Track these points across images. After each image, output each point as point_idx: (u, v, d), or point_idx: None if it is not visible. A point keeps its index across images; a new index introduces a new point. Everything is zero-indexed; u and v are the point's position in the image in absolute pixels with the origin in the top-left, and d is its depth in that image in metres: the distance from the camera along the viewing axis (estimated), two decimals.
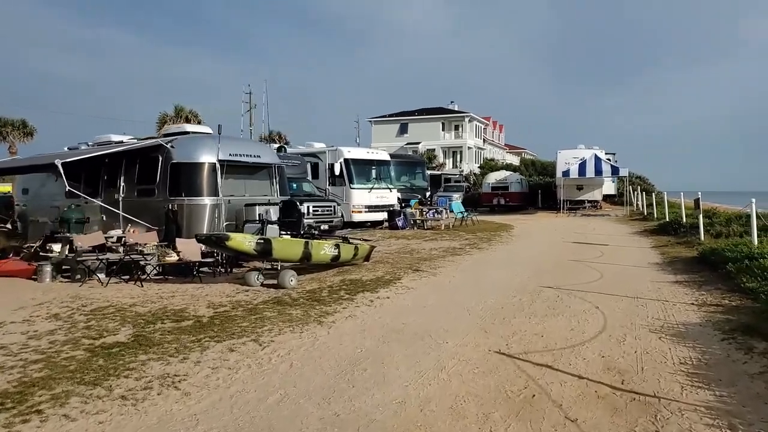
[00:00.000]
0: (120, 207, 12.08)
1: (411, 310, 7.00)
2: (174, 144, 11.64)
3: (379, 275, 9.69)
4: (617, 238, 16.50)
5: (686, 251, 12.38)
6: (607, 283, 8.89)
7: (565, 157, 30.26)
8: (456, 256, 12.64)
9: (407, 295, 7.99)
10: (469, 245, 14.80)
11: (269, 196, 12.23)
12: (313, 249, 9.16)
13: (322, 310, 6.82)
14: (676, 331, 5.90)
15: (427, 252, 13.37)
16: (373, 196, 22.28)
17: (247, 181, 12.21)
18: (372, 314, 6.73)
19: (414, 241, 16.37)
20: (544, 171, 42.30)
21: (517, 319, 6.54)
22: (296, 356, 5.09)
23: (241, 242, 8.28)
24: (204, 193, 11.34)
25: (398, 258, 12.17)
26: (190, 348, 5.30)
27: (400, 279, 9.28)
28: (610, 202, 34.63)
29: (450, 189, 39.04)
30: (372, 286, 8.57)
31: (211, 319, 6.49)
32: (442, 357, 5.09)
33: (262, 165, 12.34)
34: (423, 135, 63.52)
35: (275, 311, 6.82)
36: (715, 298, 7.38)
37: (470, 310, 7.00)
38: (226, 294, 8.20)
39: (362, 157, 22.87)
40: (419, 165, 31.31)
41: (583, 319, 6.49)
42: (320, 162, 23.06)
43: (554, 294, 7.94)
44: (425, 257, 12.32)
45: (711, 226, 14.12)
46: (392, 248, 14.46)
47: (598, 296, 7.76)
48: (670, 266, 10.58)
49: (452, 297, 7.84)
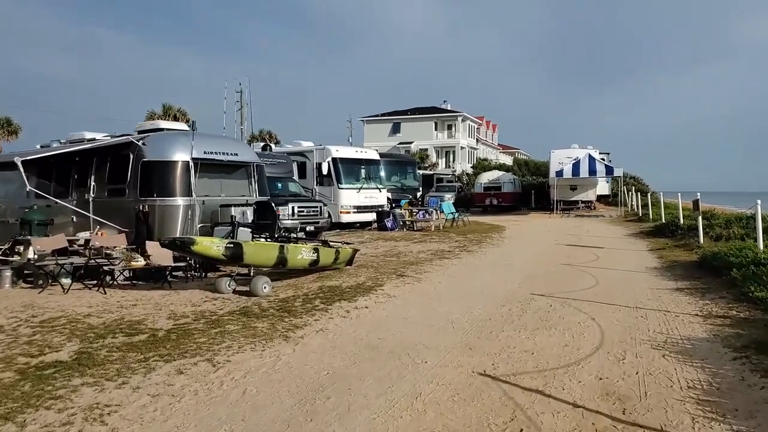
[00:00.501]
0: (90, 208, 11.43)
1: (390, 322, 6.39)
2: (146, 141, 10.98)
3: (360, 281, 9.07)
4: (612, 241, 15.96)
5: (685, 255, 11.83)
6: (603, 290, 8.31)
7: (559, 157, 29.74)
8: (444, 259, 12.04)
9: (388, 304, 7.37)
10: (458, 248, 14.20)
11: (247, 197, 11.59)
12: (288, 253, 8.53)
13: (291, 323, 6.19)
14: (682, 348, 5.31)
15: (414, 255, 12.76)
16: (361, 197, 21.67)
17: (224, 181, 11.55)
18: (346, 328, 6.11)
19: (402, 243, 15.76)
20: (537, 171, 41.82)
21: (505, 332, 5.94)
22: (252, 380, 4.46)
23: (208, 247, 7.64)
24: (177, 193, 10.68)
25: (383, 262, 11.56)
26: (133, 369, 4.66)
27: (382, 286, 8.67)
28: (604, 203, 34.15)
29: (442, 189, 38.48)
30: (351, 294, 7.94)
31: (168, 333, 5.85)
32: (418, 380, 4.48)
33: (240, 163, 11.68)
34: (416, 135, 62.96)
35: (239, 324, 6.18)
36: (722, 309, 6.81)
37: (455, 322, 6.40)
38: (192, 303, 7.56)
39: (351, 156, 22.25)
40: (410, 164, 30.71)
41: (577, 333, 5.90)
42: (308, 161, 22.44)
43: (546, 303, 7.35)
44: (412, 261, 11.71)
45: (710, 228, 13.60)
46: (379, 251, 13.85)
47: (593, 306, 7.17)
48: (669, 271, 10.01)
49: (436, 306, 7.23)
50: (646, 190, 34.02)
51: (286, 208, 16.82)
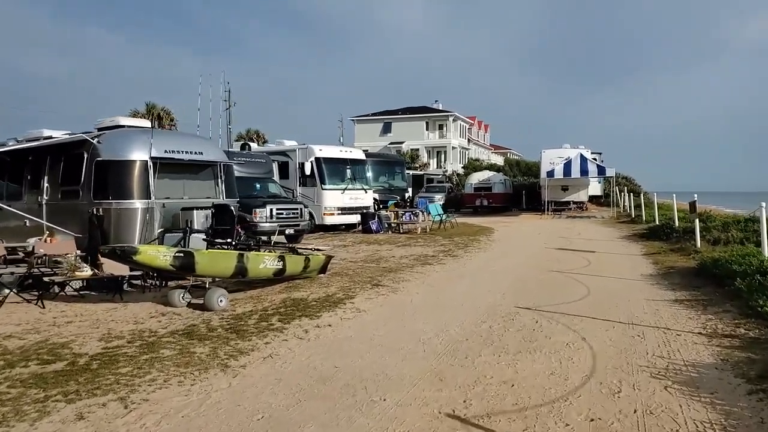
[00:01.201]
0: (43, 211, 10.57)
1: (353, 344, 5.58)
2: (101, 139, 10.11)
3: (330, 292, 8.26)
4: (605, 244, 15.24)
5: (682, 260, 11.10)
6: (595, 302, 7.55)
7: (550, 157, 29.07)
8: (426, 265, 11.25)
9: (355, 321, 6.57)
10: (443, 252, 13.43)
11: (213, 199, 10.74)
12: (249, 262, 7.70)
13: (237, 347, 5.36)
14: (686, 378, 4.55)
15: (395, 261, 11.96)
16: (346, 198, 20.85)
17: (187, 182, 10.70)
18: (300, 353, 5.29)
19: (385, 247, 14.96)
20: (528, 171, 41.25)
21: (483, 357, 5.15)
22: (167, 427, 3.65)
23: (153, 257, 6.79)
24: (134, 195, 9.84)
25: (361, 269, 10.75)
26: (22, 414, 3.82)
27: (353, 298, 7.86)
28: (596, 204, 33.52)
29: (432, 190, 37.75)
30: (316, 308, 7.13)
31: (90, 361, 5.01)
32: (372, 427, 3.68)
33: (205, 163, 10.83)
34: (407, 134, 62.24)
35: (177, 348, 5.35)
36: (727, 326, 6.06)
37: (427, 343, 5.60)
38: (135, 319, 6.72)
39: (335, 155, 21.41)
40: (398, 164, 29.87)
41: (566, 357, 5.12)
42: (290, 161, 21.60)
43: (532, 319, 6.57)
44: (392, 267, 10.91)
45: (707, 231, 12.90)
46: (359, 255, 13.05)
47: (584, 322, 6.40)
48: (665, 279, 9.27)
49: (409, 323, 6.43)
50: (638, 190, 33.46)
51: (263, 210, 15.98)
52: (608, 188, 33.06)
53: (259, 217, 15.94)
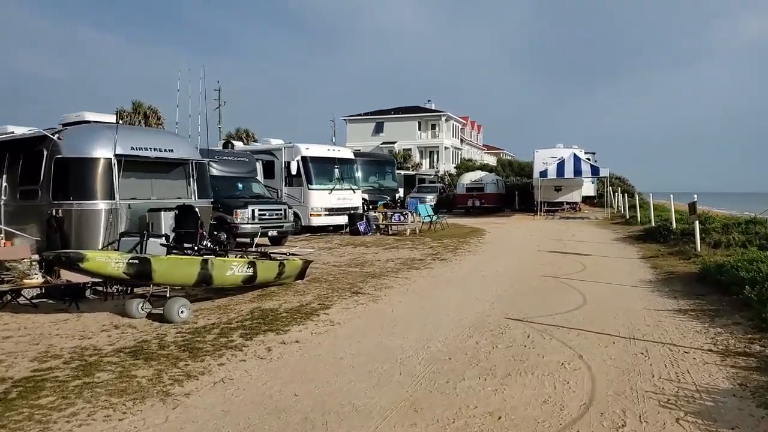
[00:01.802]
0: (0, 212, 9.88)
1: (320, 365, 4.92)
2: (62, 135, 9.41)
3: (305, 301, 7.60)
4: (600, 246, 14.64)
5: (682, 265, 10.50)
6: (591, 312, 6.93)
7: (543, 157, 28.51)
8: (413, 270, 10.61)
9: (327, 336, 5.90)
10: (431, 255, 12.79)
11: (184, 199, 10.05)
12: (214, 269, 7.01)
13: (186, 370, 4.69)
14: (701, 408, 3.92)
15: (380, 265, 11.31)
16: (334, 198, 20.20)
17: (155, 181, 9.99)
18: (258, 376, 4.63)
19: (372, 249, 14.31)
20: (521, 171, 40.74)
21: (466, 381, 4.50)
22: None
23: (103, 264, 6.10)
24: (97, 195, 9.15)
25: (343, 274, 10.09)
26: None
27: (329, 308, 7.20)
28: (589, 204, 33.01)
29: (424, 190, 37.16)
30: (285, 320, 6.46)
31: (11, 388, 4.32)
32: None
33: (175, 161, 10.12)
34: (399, 134, 61.64)
35: (117, 371, 4.67)
36: (740, 341, 5.45)
37: (404, 363, 4.95)
38: (83, 333, 6.03)
39: (322, 154, 20.73)
40: (389, 164, 29.19)
41: (561, 381, 4.48)
42: (276, 160, 20.91)
43: (523, 333, 5.94)
44: (376, 272, 10.26)
45: (706, 233, 12.32)
46: (343, 259, 12.40)
47: (581, 336, 5.78)
48: (666, 286, 8.66)
49: (387, 339, 5.78)
50: (631, 191, 32.98)
51: (245, 210, 15.31)
52: (602, 189, 32.57)
53: (240, 218, 15.27)
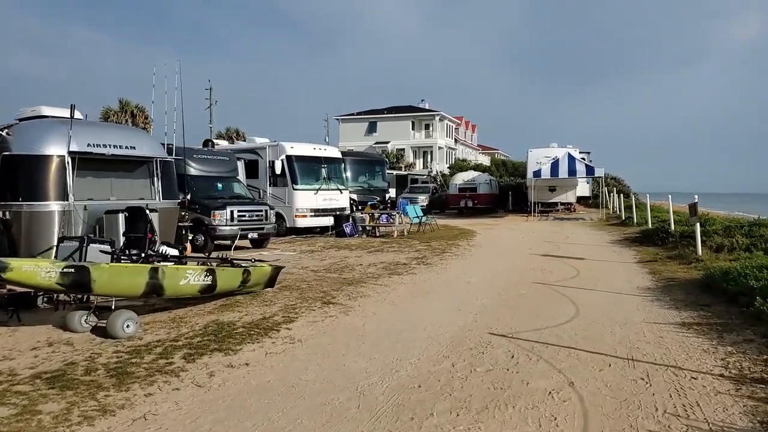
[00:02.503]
0: None
1: (265, 396, 4.19)
2: (11, 131, 8.68)
3: (269, 313, 6.88)
4: (595, 249, 13.97)
5: (683, 271, 9.82)
6: (585, 325, 6.23)
7: (537, 156, 27.86)
8: (394, 276, 9.90)
9: (282, 357, 5.18)
10: (416, 259, 12.08)
11: (148, 200, 9.31)
12: (165, 279, 6.28)
13: (104, 402, 3.95)
14: None
15: (362, 270, 10.61)
16: (320, 199, 19.48)
17: (115, 180, 9.27)
18: (189, 409, 3.90)
19: (356, 252, 13.60)
20: (515, 171, 40.17)
21: (435, 417, 3.80)
22: None
23: (30, 273, 5.35)
24: (49, 196, 8.43)
25: (319, 280, 9.38)
26: None
27: (293, 321, 6.48)
28: (584, 205, 32.42)
29: (416, 190, 36.50)
30: (240, 337, 5.74)
31: None
32: None
33: (137, 159, 9.38)
34: (392, 134, 61.00)
35: (22, 404, 3.93)
36: (755, 364, 4.75)
37: (365, 393, 4.23)
38: (8, 353, 5.27)
39: (308, 153, 20.00)
40: (378, 164, 28.44)
41: (547, 416, 3.78)
42: (260, 159, 20.18)
43: (506, 352, 5.23)
44: (355, 278, 9.55)
45: (707, 236, 11.66)
46: (324, 263, 11.68)
47: (572, 356, 5.08)
48: (666, 294, 7.97)
49: (351, 360, 5.06)
50: (627, 191, 32.41)
51: (223, 211, 14.60)
52: (597, 189, 31.96)
53: (218, 219, 14.55)
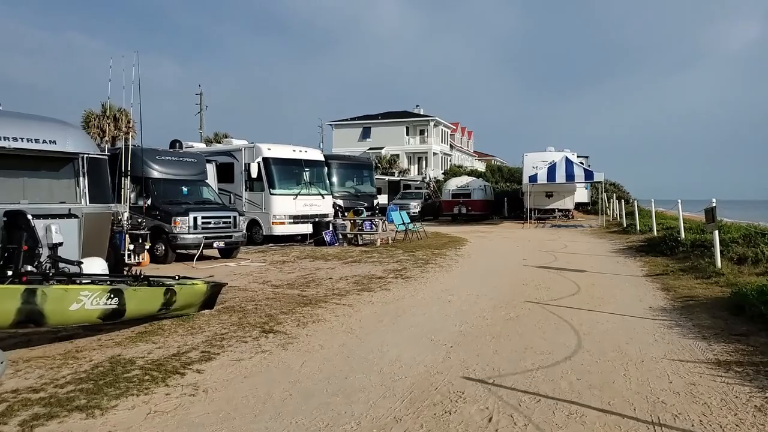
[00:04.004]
0: None
1: None
2: None
3: (189, 345, 5.42)
4: (596, 260, 12.53)
5: (702, 287, 8.35)
6: (589, 364, 4.78)
7: (533, 161, 26.52)
8: (364, 293, 8.45)
9: (168, 419, 3.70)
10: (395, 272, 10.63)
11: (71, 204, 7.84)
12: (47, 303, 4.83)
13: None
14: None
15: (329, 285, 9.16)
16: (299, 204, 18.09)
17: (29, 180, 7.80)
18: None
19: (331, 263, 12.16)
20: (511, 177, 38.88)
21: None
22: None
23: None
24: None
25: (272, 299, 7.92)
26: None
27: (212, 359, 5.01)
28: (583, 211, 31.05)
29: (408, 196, 35.17)
30: (128, 385, 4.27)
31: None
32: None
33: (58, 155, 7.90)
34: (387, 140, 59.72)
35: None
36: None
37: None
38: None
39: (287, 156, 18.62)
40: (366, 167, 26.89)
41: None
42: (236, 162, 18.80)
43: (482, 411, 3.77)
44: (316, 297, 8.11)
45: (725, 246, 10.21)
46: (289, 277, 10.25)
47: (573, 417, 3.62)
48: (688, 318, 6.51)
49: (261, 425, 3.61)
50: (626, 197, 31.05)
51: (185, 218, 13.18)
52: (596, 195, 30.60)
53: (179, 227, 13.13)
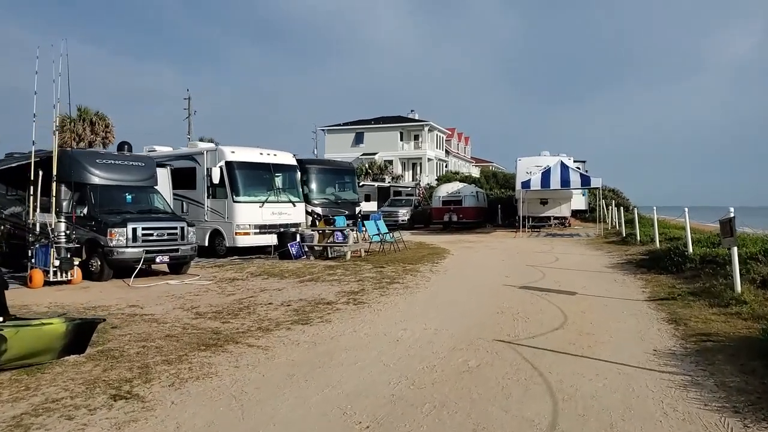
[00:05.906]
0: None
1: None
2: None
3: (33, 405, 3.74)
4: (590, 278, 10.82)
5: (720, 319, 6.58)
6: None
7: (526, 166, 24.86)
8: (296, 326, 6.77)
9: None
10: (349, 295, 8.94)
11: None
12: None
13: None
14: None
15: (261, 314, 7.50)
16: (267, 213, 16.44)
17: None
18: None
19: (283, 283, 10.51)
20: (506, 183, 37.23)
21: None
22: None
23: None
24: None
25: (171, 338, 6.21)
26: None
27: None
28: (580, 219, 29.36)
29: (397, 203, 33.51)
30: None
31: None
32: None
33: None
34: (380, 145, 58.17)
35: None
36: None
37: None
38: None
39: (252, 159, 16.96)
40: (348, 173, 25.07)
41: None
42: (198, 167, 17.13)
43: None
44: (230, 334, 6.41)
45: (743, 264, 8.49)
46: (224, 301, 8.61)
47: None
48: (709, 373, 4.77)
49: None
50: (626, 204, 29.39)
51: (122, 230, 11.54)
52: (594, 202, 28.95)
53: (116, 239, 11.44)
